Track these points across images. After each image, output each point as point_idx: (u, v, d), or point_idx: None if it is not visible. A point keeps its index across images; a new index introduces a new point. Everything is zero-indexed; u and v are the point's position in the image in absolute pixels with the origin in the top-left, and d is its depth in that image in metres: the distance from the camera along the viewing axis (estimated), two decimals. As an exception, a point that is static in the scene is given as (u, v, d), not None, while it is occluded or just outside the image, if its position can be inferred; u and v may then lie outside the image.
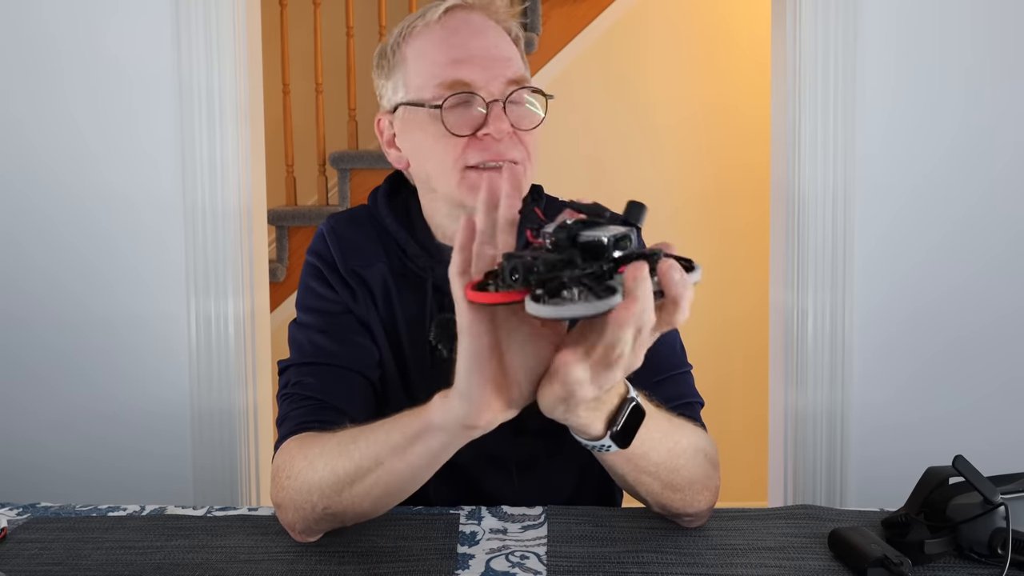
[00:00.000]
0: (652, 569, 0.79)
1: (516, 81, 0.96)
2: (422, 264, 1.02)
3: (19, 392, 1.80)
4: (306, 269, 1.05)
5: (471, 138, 0.94)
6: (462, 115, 0.95)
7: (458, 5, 0.98)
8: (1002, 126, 1.72)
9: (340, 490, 0.80)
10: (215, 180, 1.75)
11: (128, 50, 1.76)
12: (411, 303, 1.02)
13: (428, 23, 0.98)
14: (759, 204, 2.84)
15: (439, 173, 0.97)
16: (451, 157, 0.95)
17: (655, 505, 0.87)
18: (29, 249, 1.78)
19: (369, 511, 0.83)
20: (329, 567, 0.80)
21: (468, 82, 0.94)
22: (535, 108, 0.99)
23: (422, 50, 0.97)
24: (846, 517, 0.91)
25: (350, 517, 0.84)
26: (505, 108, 0.94)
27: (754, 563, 0.80)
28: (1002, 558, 0.76)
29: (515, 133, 0.96)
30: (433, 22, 0.97)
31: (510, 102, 0.95)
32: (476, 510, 0.93)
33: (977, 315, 1.74)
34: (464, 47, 0.95)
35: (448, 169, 0.96)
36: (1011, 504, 0.77)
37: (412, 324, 1.02)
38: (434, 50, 0.96)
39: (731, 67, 3.07)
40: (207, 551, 0.84)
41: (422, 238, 1.04)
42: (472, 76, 0.94)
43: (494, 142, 0.94)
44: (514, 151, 0.95)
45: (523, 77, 0.97)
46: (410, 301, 1.02)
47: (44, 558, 0.83)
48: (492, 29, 0.98)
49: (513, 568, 0.79)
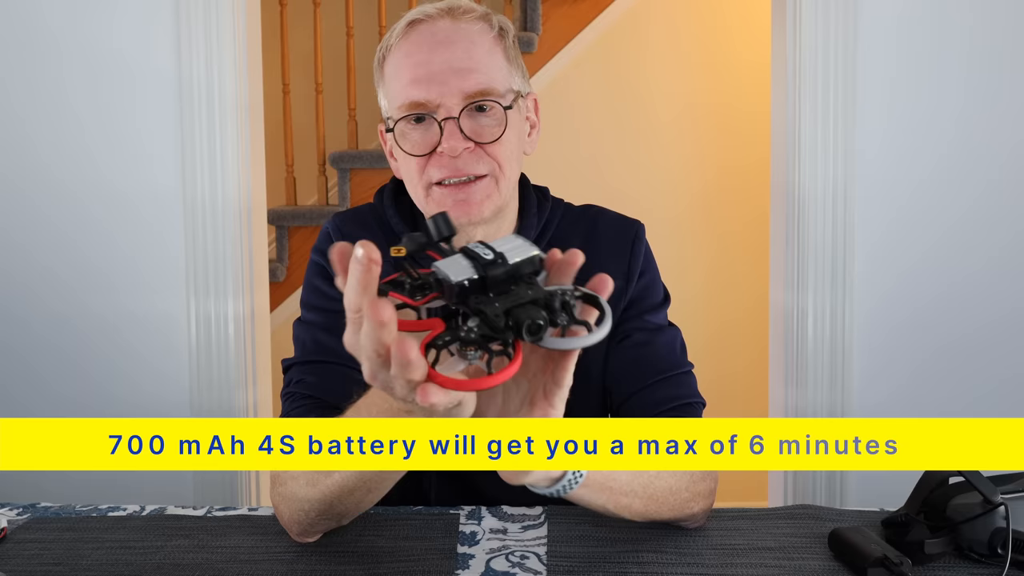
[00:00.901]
0: (652, 569, 0.79)
1: (476, 94, 0.93)
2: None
3: (19, 391, 1.80)
4: (310, 267, 1.05)
5: (432, 155, 0.95)
6: (419, 134, 0.95)
7: (419, 18, 0.96)
8: (1002, 126, 1.72)
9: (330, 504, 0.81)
10: (215, 180, 1.75)
11: (129, 50, 1.76)
12: None
13: (397, 37, 0.97)
14: (759, 204, 2.84)
15: (411, 189, 0.99)
16: (415, 175, 0.96)
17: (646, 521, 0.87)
18: (29, 248, 1.78)
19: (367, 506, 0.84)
20: (329, 567, 0.80)
21: (423, 102, 0.93)
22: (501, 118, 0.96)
23: (393, 68, 0.97)
24: (846, 517, 0.91)
25: (348, 518, 0.84)
26: (460, 123, 0.93)
27: (754, 563, 0.80)
28: (1002, 558, 0.76)
29: (478, 147, 0.94)
30: (400, 39, 0.97)
31: (467, 116, 0.94)
32: (476, 510, 0.93)
33: (977, 315, 1.74)
34: (423, 64, 0.94)
35: (415, 186, 0.98)
36: (1011, 504, 0.77)
37: None
38: (400, 69, 0.96)
39: (731, 67, 3.07)
40: (207, 551, 0.84)
41: None
42: (427, 95, 0.93)
43: (452, 159, 0.94)
44: (476, 166, 0.94)
45: (485, 89, 0.94)
46: None
47: (44, 558, 0.83)
48: (460, 35, 0.95)
49: (513, 568, 0.79)
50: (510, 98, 0.97)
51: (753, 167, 2.99)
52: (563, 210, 1.08)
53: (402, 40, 0.96)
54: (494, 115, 0.95)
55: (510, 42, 1.00)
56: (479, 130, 0.95)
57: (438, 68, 0.93)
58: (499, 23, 0.98)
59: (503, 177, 0.96)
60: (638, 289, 1.04)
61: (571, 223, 1.06)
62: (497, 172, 0.96)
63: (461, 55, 0.94)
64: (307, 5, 3.12)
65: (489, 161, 0.95)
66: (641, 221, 1.08)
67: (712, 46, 3.08)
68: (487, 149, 0.95)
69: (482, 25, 0.97)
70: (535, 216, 1.04)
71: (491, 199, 0.96)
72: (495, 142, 0.95)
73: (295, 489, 0.83)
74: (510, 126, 0.96)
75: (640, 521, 0.87)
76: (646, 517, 0.85)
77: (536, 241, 1.03)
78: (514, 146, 0.98)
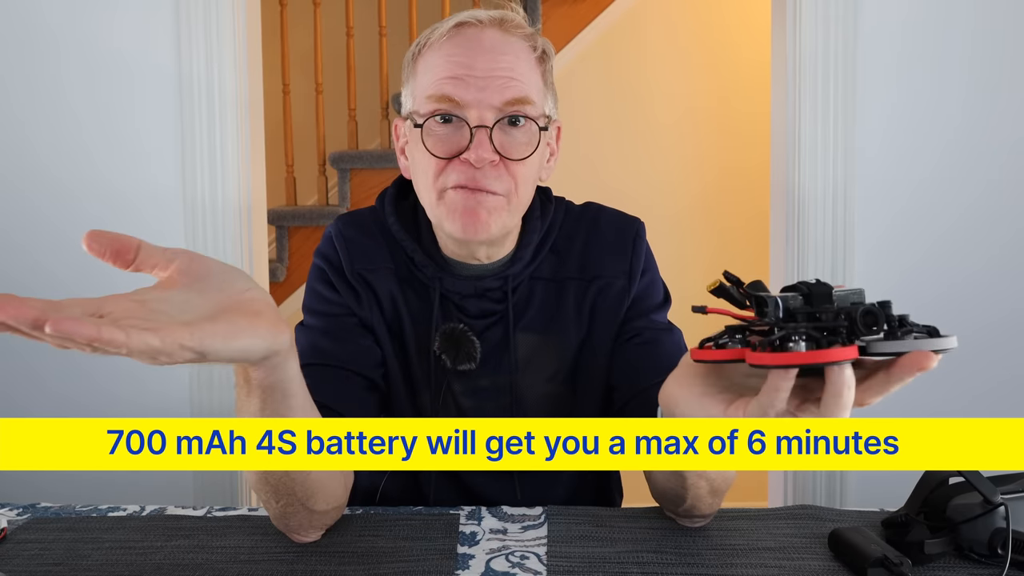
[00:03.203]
0: (652, 569, 0.79)
1: (515, 101, 0.92)
2: (429, 274, 1.01)
3: (19, 390, 1.80)
4: (312, 271, 1.05)
5: (453, 160, 0.92)
6: (446, 135, 0.93)
7: (469, 21, 0.94)
8: (1002, 126, 1.72)
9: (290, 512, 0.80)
10: (215, 180, 1.75)
11: (129, 50, 1.76)
12: (417, 309, 1.02)
13: (440, 36, 0.95)
14: (759, 204, 2.84)
15: (423, 190, 0.97)
16: (431, 175, 0.94)
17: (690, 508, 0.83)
18: (28, 246, 1.78)
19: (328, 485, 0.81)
20: (329, 567, 0.80)
21: (457, 100, 0.91)
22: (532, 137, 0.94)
23: (429, 64, 0.95)
24: (846, 517, 0.90)
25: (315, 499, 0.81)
26: (492, 135, 0.91)
27: (754, 563, 0.80)
28: (1002, 558, 0.76)
29: (502, 162, 0.92)
30: (443, 37, 0.95)
31: (499, 130, 0.92)
32: (476, 510, 0.93)
33: (976, 314, 1.74)
34: (465, 66, 0.92)
35: (428, 187, 0.95)
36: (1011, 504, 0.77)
37: (418, 330, 1.02)
38: (436, 66, 0.94)
39: (731, 67, 3.07)
40: (207, 551, 0.84)
41: (428, 247, 1.03)
42: (463, 95, 0.91)
43: (473, 168, 0.91)
44: (496, 182, 0.92)
45: (524, 98, 0.92)
46: (416, 307, 1.02)
47: (44, 558, 0.83)
48: (508, 46, 0.94)
49: (513, 568, 0.79)
50: (543, 121, 0.96)
51: (753, 167, 2.99)
52: (565, 210, 1.08)
53: (446, 40, 0.94)
54: (527, 131, 0.94)
55: (548, 66, 0.99)
56: (509, 146, 0.93)
57: (480, 73, 0.91)
58: (543, 46, 0.98)
59: (516, 198, 0.95)
60: (640, 287, 1.04)
61: (573, 222, 1.06)
62: (512, 193, 0.94)
63: (505, 65, 0.92)
64: (307, 5, 3.12)
65: (508, 180, 0.93)
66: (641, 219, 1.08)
67: (712, 46, 3.08)
68: (510, 167, 0.93)
69: (528, 44, 0.96)
70: (539, 219, 1.04)
71: (500, 219, 0.94)
72: (521, 160, 0.94)
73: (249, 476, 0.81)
74: (539, 148, 0.95)
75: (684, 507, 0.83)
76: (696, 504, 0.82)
77: (540, 242, 1.03)
78: (534, 169, 0.97)
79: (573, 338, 1.03)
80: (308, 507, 0.80)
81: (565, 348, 1.03)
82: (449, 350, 1.00)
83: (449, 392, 1.02)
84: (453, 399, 1.02)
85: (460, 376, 1.02)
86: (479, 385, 1.02)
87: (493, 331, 1.01)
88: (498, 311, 1.01)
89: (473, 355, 1.00)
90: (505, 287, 1.01)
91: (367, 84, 3.49)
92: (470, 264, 1.02)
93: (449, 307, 1.01)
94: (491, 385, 1.02)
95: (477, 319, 1.01)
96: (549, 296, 1.03)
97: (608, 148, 3.10)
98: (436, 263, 1.02)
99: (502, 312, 1.01)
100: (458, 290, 1.01)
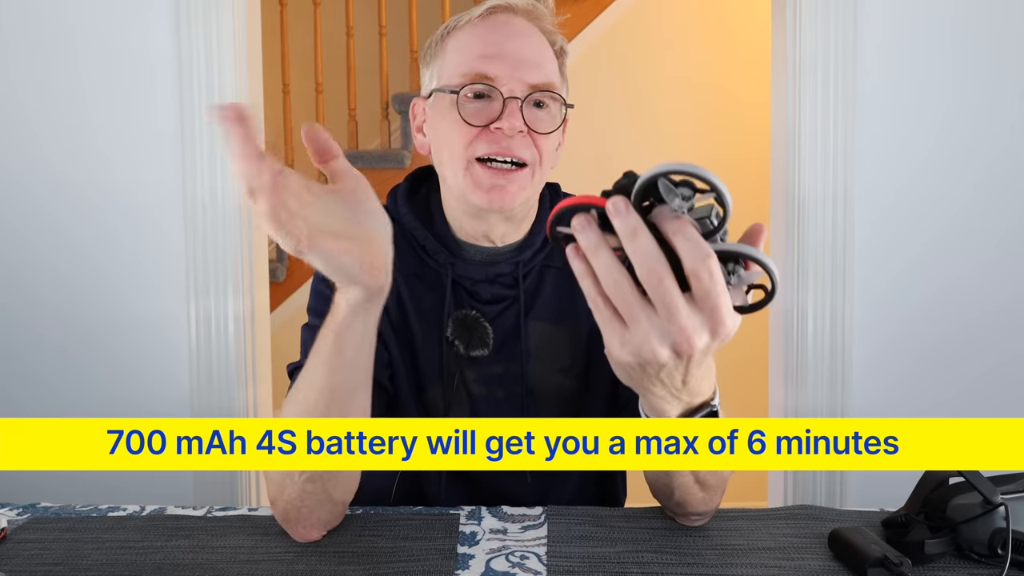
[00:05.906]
0: (652, 569, 0.79)
1: (542, 85, 0.97)
2: (441, 260, 1.02)
3: (19, 390, 1.80)
4: (317, 272, 1.05)
5: (483, 129, 0.96)
6: (479, 107, 0.97)
7: (503, 6, 1.00)
8: (1001, 126, 1.72)
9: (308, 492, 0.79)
10: (215, 180, 1.75)
11: (128, 49, 1.76)
12: (427, 300, 1.02)
13: (471, 19, 1.00)
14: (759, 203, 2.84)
15: (449, 161, 0.99)
16: (461, 145, 0.97)
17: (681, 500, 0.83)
18: (28, 247, 1.78)
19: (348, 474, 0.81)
20: (329, 567, 0.80)
21: (491, 76, 0.96)
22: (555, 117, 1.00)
23: (460, 43, 1.00)
24: (846, 517, 0.90)
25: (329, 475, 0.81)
26: (523, 108, 0.96)
27: (754, 563, 0.80)
28: (1002, 558, 0.76)
29: (529, 133, 0.97)
30: (476, 19, 1.00)
31: (528, 104, 0.97)
32: (476, 510, 0.93)
33: (976, 314, 1.74)
34: (498, 45, 0.97)
35: (457, 157, 0.98)
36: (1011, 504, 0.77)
37: (427, 322, 1.02)
38: (469, 44, 0.99)
39: (732, 66, 3.07)
40: (207, 551, 0.84)
41: (440, 233, 1.05)
42: (496, 71, 0.96)
43: (504, 137, 0.95)
44: (524, 151, 0.97)
45: (550, 84, 0.98)
46: (426, 299, 1.02)
47: (44, 558, 0.83)
48: (534, 35, 1.00)
49: (513, 568, 0.79)
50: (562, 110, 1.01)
51: (753, 167, 2.99)
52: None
53: (479, 21, 1.00)
54: (550, 111, 0.99)
55: (564, 61, 1.04)
56: (536, 119, 0.98)
57: (512, 54, 0.97)
58: (561, 43, 1.04)
59: (539, 171, 0.99)
60: None
61: None
62: (536, 164, 0.98)
63: (533, 51, 0.99)
64: (307, 5, 3.12)
65: (534, 151, 0.98)
66: None
67: (713, 45, 3.08)
68: (536, 139, 0.98)
69: (549, 38, 1.02)
70: (548, 209, 1.06)
71: (524, 191, 0.98)
72: (546, 134, 0.98)
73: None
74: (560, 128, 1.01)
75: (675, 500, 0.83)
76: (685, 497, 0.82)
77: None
78: (554, 146, 1.02)
79: (584, 327, 1.03)
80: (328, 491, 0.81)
81: (577, 337, 1.04)
82: (462, 336, 1.01)
83: (462, 380, 1.02)
84: (465, 387, 1.02)
85: (473, 363, 1.02)
86: (492, 372, 1.02)
87: (505, 316, 1.02)
88: (510, 296, 1.03)
89: (486, 340, 1.01)
90: (516, 272, 1.03)
91: (367, 84, 3.49)
92: (483, 247, 1.03)
93: (461, 293, 1.02)
94: (504, 372, 1.02)
95: (489, 304, 1.02)
96: (560, 285, 1.04)
97: (608, 147, 3.10)
98: (448, 249, 1.03)
99: (514, 297, 1.03)
100: (470, 275, 1.02)
